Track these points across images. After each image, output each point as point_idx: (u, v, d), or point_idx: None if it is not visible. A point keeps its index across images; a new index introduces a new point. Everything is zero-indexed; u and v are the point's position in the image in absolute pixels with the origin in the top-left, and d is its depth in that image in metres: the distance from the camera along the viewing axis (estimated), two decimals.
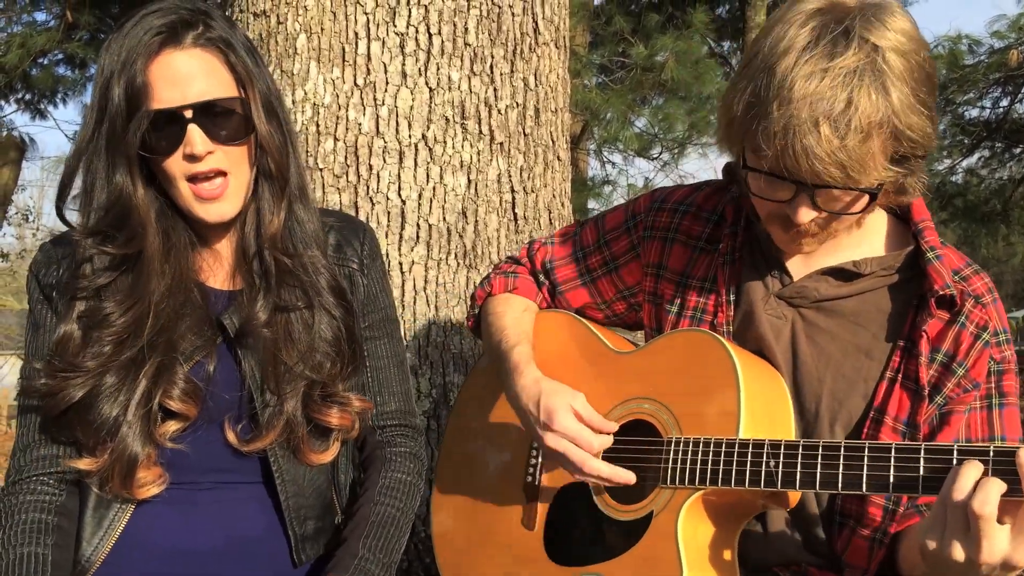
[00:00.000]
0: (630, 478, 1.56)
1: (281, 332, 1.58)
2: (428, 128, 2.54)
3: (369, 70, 2.53)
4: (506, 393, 1.74)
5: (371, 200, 2.52)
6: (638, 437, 1.62)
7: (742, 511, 1.57)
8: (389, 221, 2.52)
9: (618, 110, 9.35)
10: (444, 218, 2.55)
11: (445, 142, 2.55)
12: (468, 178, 2.58)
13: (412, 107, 2.53)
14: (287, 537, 1.62)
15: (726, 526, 1.56)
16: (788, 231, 1.54)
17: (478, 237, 2.59)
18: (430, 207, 2.54)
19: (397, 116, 2.53)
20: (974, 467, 1.25)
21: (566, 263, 1.89)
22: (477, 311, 1.95)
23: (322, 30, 2.54)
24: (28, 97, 11.78)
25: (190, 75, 1.53)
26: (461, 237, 2.57)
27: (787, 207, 1.49)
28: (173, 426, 1.55)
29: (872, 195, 1.46)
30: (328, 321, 1.61)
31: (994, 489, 1.21)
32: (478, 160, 2.59)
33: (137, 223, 1.55)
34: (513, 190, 2.65)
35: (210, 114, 1.53)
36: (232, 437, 1.56)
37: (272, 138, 1.59)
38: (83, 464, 1.54)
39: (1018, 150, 11.99)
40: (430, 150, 2.54)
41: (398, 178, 2.53)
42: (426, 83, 2.54)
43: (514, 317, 1.84)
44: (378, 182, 2.53)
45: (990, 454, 1.26)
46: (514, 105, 2.64)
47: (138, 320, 1.54)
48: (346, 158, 2.54)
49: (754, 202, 1.57)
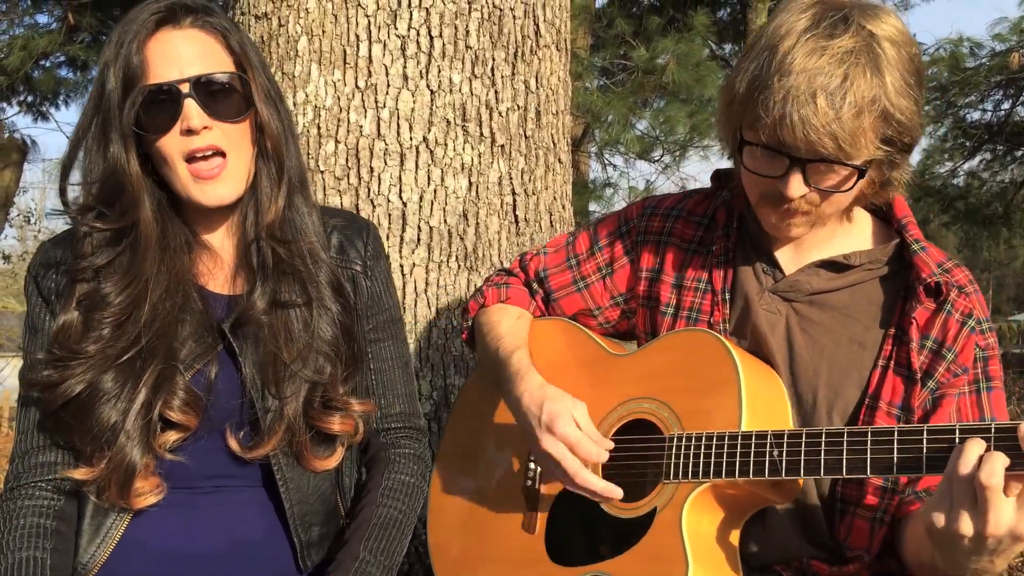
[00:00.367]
0: (618, 494, 1.58)
1: (280, 329, 1.55)
2: (429, 130, 2.54)
3: (370, 72, 2.53)
4: (505, 398, 1.75)
5: (372, 202, 2.52)
6: (639, 436, 1.63)
7: (746, 504, 1.58)
8: (390, 223, 2.52)
9: (619, 113, 9.34)
10: (445, 220, 2.55)
11: (446, 144, 2.55)
12: (469, 180, 2.57)
13: (413, 109, 2.53)
14: (290, 542, 1.60)
15: (730, 519, 1.57)
16: (778, 210, 1.58)
17: (479, 239, 2.59)
18: (431, 209, 2.54)
19: (398, 118, 2.53)
20: (977, 443, 1.29)
21: (560, 271, 1.91)
22: (471, 323, 1.96)
23: (323, 32, 2.54)
24: (30, 99, 11.80)
25: (187, 52, 1.51)
26: (462, 239, 2.57)
27: (779, 183, 1.54)
28: (173, 436, 1.53)
29: (860, 172, 1.50)
30: (327, 319, 1.58)
31: (999, 461, 1.25)
32: (479, 163, 2.59)
33: (130, 197, 1.52)
34: (514, 192, 2.65)
35: (208, 90, 1.50)
36: (234, 444, 1.54)
37: (271, 123, 1.57)
38: (79, 474, 1.52)
39: (1020, 153, 11.97)
40: (431, 152, 2.54)
41: (399, 180, 2.53)
42: (427, 85, 2.54)
43: (510, 325, 1.85)
44: (379, 184, 2.53)
45: (991, 431, 1.30)
46: (515, 108, 2.64)
47: (135, 301, 1.52)
48: (347, 160, 2.54)
49: (746, 184, 1.62)
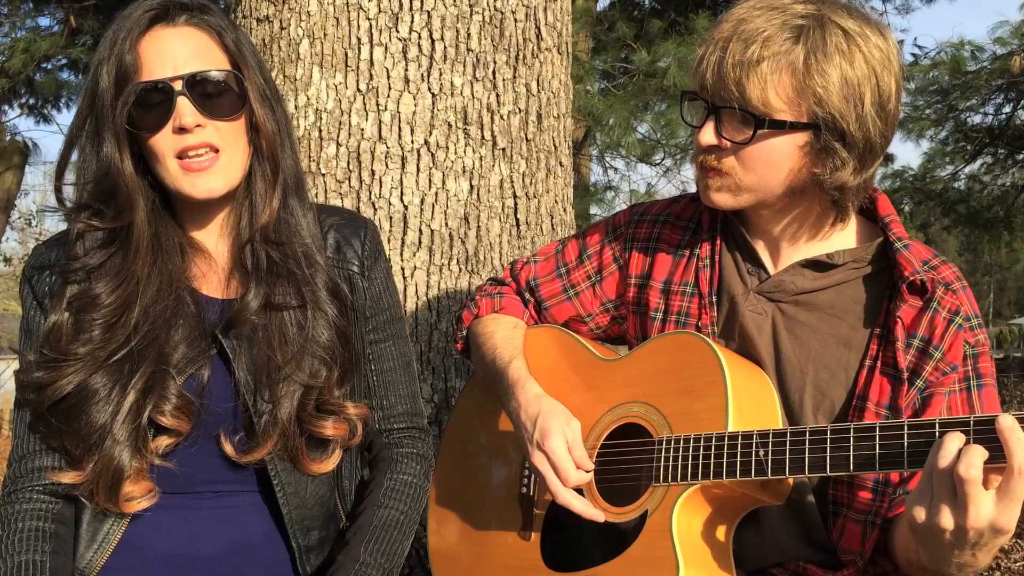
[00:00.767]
0: (599, 517, 1.60)
1: (274, 331, 1.53)
2: (430, 133, 2.54)
3: (372, 75, 2.53)
4: (504, 407, 1.76)
5: (373, 205, 2.52)
6: (630, 440, 1.63)
7: (736, 505, 1.58)
8: (391, 226, 2.52)
9: (620, 116, 9.34)
10: (446, 223, 2.55)
11: (447, 147, 2.56)
12: (470, 183, 2.58)
13: (414, 112, 2.53)
14: (288, 546, 1.60)
15: (721, 521, 1.57)
16: (700, 168, 1.62)
17: (480, 243, 2.59)
18: (432, 212, 2.54)
19: (399, 121, 2.54)
20: (956, 437, 1.28)
21: (550, 280, 1.92)
22: (465, 332, 1.96)
23: (325, 35, 2.54)
24: (32, 102, 11.83)
25: (181, 49, 1.49)
26: (463, 243, 2.57)
27: (699, 133, 1.57)
28: (165, 441, 1.52)
29: (758, 121, 1.50)
30: (323, 322, 1.56)
31: (977, 454, 1.25)
32: (480, 166, 2.59)
33: (124, 196, 1.51)
34: (515, 196, 2.65)
35: (201, 88, 1.48)
36: (229, 449, 1.53)
37: (266, 122, 1.55)
38: (68, 478, 1.51)
39: (1021, 156, 11.98)
40: (432, 155, 2.54)
41: (400, 183, 2.53)
42: (428, 89, 2.54)
43: (505, 335, 1.86)
44: (380, 187, 2.53)
45: (970, 424, 1.29)
46: (516, 111, 2.64)
47: (126, 303, 1.50)
48: (348, 163, 2.54)
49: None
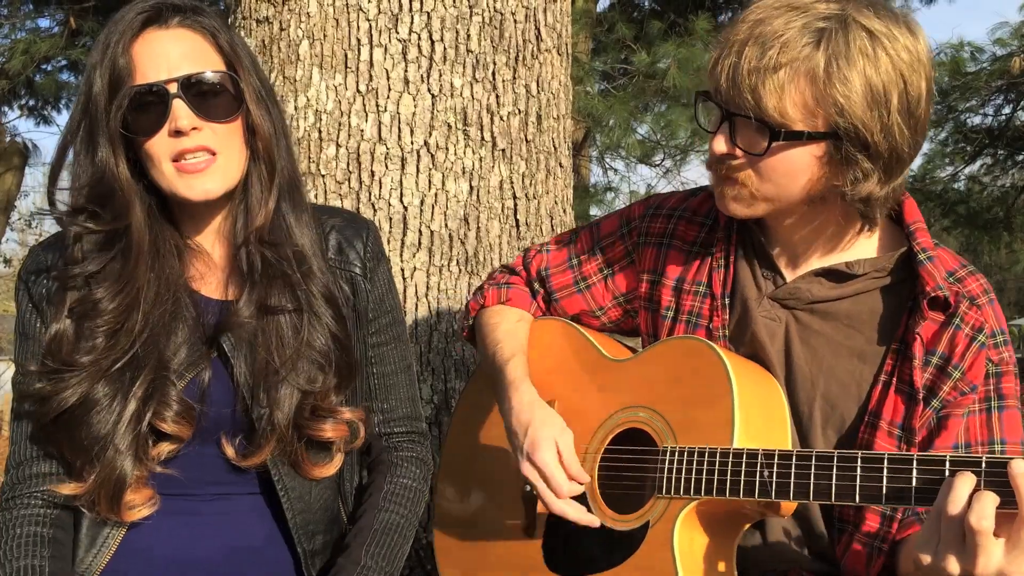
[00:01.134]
0: (594, 523, 1.57)
1: (271, 334, 1.52)
2: (430, 134, 2.54)
3: (371, 76, 2.53)
4: (499, 407, 1.74)
5: (373, 206, 2.52)
6: (634, 446, 1.61)
7: (739, 519, 1.56)
8: (391, 227, 2.52)
9: (620, 117, 9.34)
10: (446, 224, 2.55)
11: (447, 148, 2.56)
12: (470, 184, 2.58)
13: (414, 113, 2.53)
14: (292, 550, 1.59)
15: (723, 535, 1.55)
16: (715, 174, 1.55)
17: (480, 244, 2.59)
18: (432, 213, 2.54)
19: (399, 122, 2.53)
20: (967, 479, 1.22)
21: (561, 271, 1.88)
22: (471, 322, 1.94)
23: (324, 36, 2.54)
24: (31, 103, 11.83)
25: (175, 51, 1.47)
26: (463, 243, 2.57)
27: (712, 139, 1.50)
28: (167, 447, 1.51)
29: (773, 132, 1.42)
30: (318, 327, 1.55)
31: (990, 503, 1.19)
32: (480, 167, 2.59)
33: (121, 201, 1.49)
34: (515, 197, 2.65)
35: (197, 90, 1.46)
36: (230, 452, 1.53)
37: (263, 124, 1.53)
38: (68, 489, 1.50)
39: (1020, 157, 11.98)
40: (432, 156, 2.54)
41: (400, 184, 2.53)
42: (428, 90, 2.54)
43: (508, 329, 1.82)
44: (380, 188, 2.53)
45: (982, 465, 1.24)
46: (516, 112, 2.64)
47: (128, 309, 1.49)
48: (348, 164, 2.54)
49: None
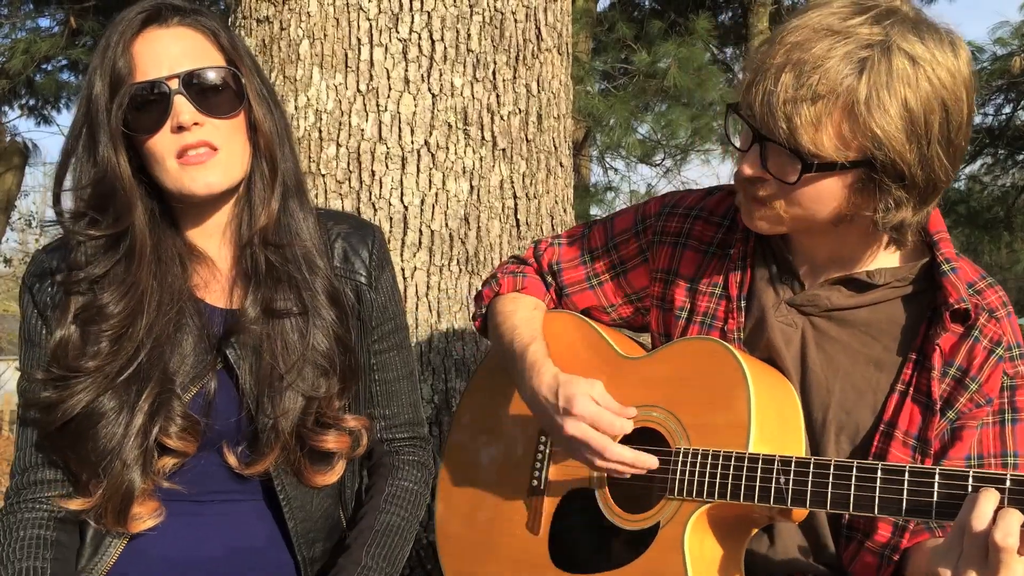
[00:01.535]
0: (653, 463, 1.52)
1: (276, 338, 1.52)
2: (430, 134, 2.54)
3: (372, 76, 2.53)
4: (520, 391, 1.70)
5: (373, 206, 2.52)
6: (647, 446, 1.60)
7: (750, 523, 1.55)
8: (391, 227, 2.52)
9: (621, 116, 9.34)
10: (446, 224, 2.55)
11: (447, 148, 2.55)
12: (470, 184, 2.57)
13: (415, 113, 2.53)
14: (292, 553, 1.59)
15: (733, 539, 1.54)
16: (744, 193, 1.51)
17: (480, 243, 2.59)
18: (432, 213, 2.54)
19: (400, 122, 2.53)
20: (992, 496, 1.21)
21: (573, 266, 1.86)
22: (484, 310, 1.91)
23: (325, 36, 2.54)
24: (32, 103, 11.83)
25: (175, 48, 1.46)
26: (463, 243, 2.57)
27: (742, 159, 1.46)
28: (171, 461, 1.51)
29: (806, 164, 1.38)
30: (321, 329, 1.54)
31: (1015, 520, 1.18)
32: (480, 166, 2.58)
33: (122, 200, 1.48)
34: (515, 196, 2.64)
35: (199, 86, 1.46)
36: (233, 460, 1.53)
37: (265, 121, 1.53)
38: (76, 505, 1.50)
39: (1021, 157, 11.98)
40: (432, 156, 2.54)
41: (400, 184, 2.53)
42: (429, 89, 2.54)
43: (525, 316, 1.79)
44: (380, 188, 2.52)
45: (1007, 483, 1.22)
46: (517, 111, 2.64)
47: (133, 313, 1.48)
48: (348, 164, 2.53)
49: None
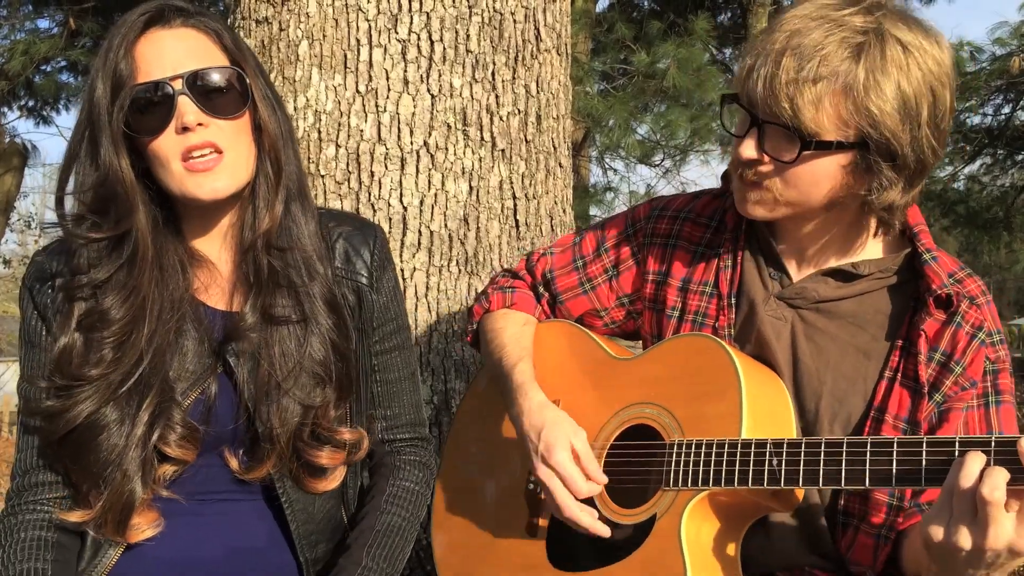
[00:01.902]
0: (605, 532, 1.57)
1: (274, 345, 1.51)
2: (430, 135, 2.54)
3: (371, 77, 2.53)
4: (508, 412, 1.74)
5: (372, 207, 2.52)
6: (641, 442, 1.62)
7: (746, 512, 1.57)
8: (391, 228, 2.52)
9: (620, 117, 9.35)
10: (446, 225, 2.55)
11: (447, 149, 2.56)
12: (470, 185, 2.58)
13: (414, 114, 2.53)
14: (294, 554, 1.59)
15: (730, 527, 1.56)
16: (740, 179, 1.57)
17: (480, 244, 2.59)
18: (432, 214, 2.54)
19: (399, 123, 2.53)
20: (978, 457, 1.27)
21: (566, 272, 1.89)
22: (475, 326, 1.94)
23: (324, 37, 2.54)
24: (31, 104, 11.85)
25: (179, 49, 1.45)
26: (463, 244, 2.57)
27: (739, 144, 1.52)
28: (171, 468, 1.51)
29: (805, 142, 1.45)
30: (319, 337, 1.53)
31: (1001, 476, 1.23)
32: (480, 167, 2.59)
33: (124, 202, 1.47)
34: (515, 197, 2.65)
35: (203, 87, 1.45)
36: (234, 464, 1.53)
37: (269, 122, 1.52)
38: (75, 517, 1.50)
39: (1020, 157, 11.98)
40: (432, 157, 2.54)
41: (400, 185, 2.53)
42: (428, 90, 2.54)
43: (513, 333, 1.83)
44: (380, 189, 2.53)
45: (991, 445, 1.28)
46: (516, 112, 2.64)
47: (135, 319, 1.48)
48: (348, 165, 2.54)
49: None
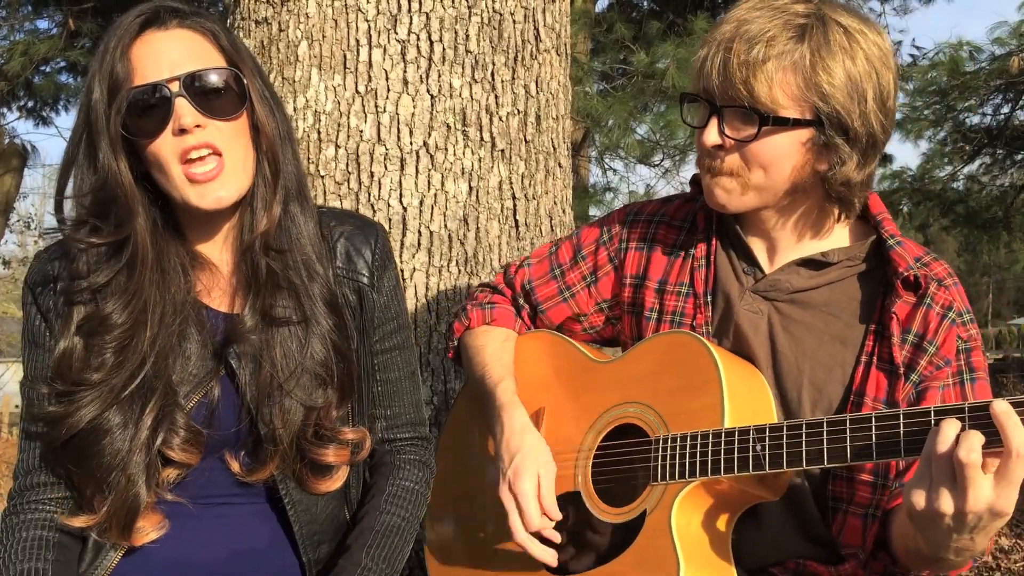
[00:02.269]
0: (552, 562, 1.64)
1: (276, 346, 1.51)
2: (429, 135, 2.54)
3: (370, 77, 2.53)
4: (489, 429, 1.77)
5: (372, 207, 2.52)
6: (626, 441, 1.63)
7: (735, 501, 1.58)
8: (390, 228, 2.52)
9: (619, 117, 9.35)
10: (445, 225, 2.55)
11: (446, 149, 2.56)
12: (469, 185, 2.58)
13: (413, 114, 2.53)
14: (296, 554, 1.60)
15: (720, 518, 1.58)
16: (707, 170, 1.62)
17: (479, 244, 2.59)
18: (431, 214, 2.54)
19: (398, 123, 2.54)
20: (953, 423, 1.29)
21: (544, 282, 1.91)
22: (456, 343, 1.95)
23: (323, 37, 2.54)
24: (31, 104, 11.84)
25: (175, 50, 1.45)
26: (462, 244, 2.57)
27: (701, 133, 1.58)
28: (174, 472, 1.51)
29: (763, 118, 1.51)
30: (319, 338, 1.53)
31: (976, 439, 1.26)
32: (479, 167, 2.59)
33: (123, 207, 1.46)
34: (514, 197, 2.65)
35: (200, 88, 1.44)
36: (236, 467, 1.53)
37: (267, 123, 1.51)
38: (79, 522, 1.50)
39: (1019, 157, 11.99)
40: (431, 157, 2.54)
41: (399, 185, 2.53)
42: (427, 90, 2.54)
43: (494, 350, 1.85)
44: (379, 189, 2.53)
45: (965, 411, 1.31)
46: (515, 112, 2.64)
47: (136, 323, 1.47)
48: (347, 165, 2.54)
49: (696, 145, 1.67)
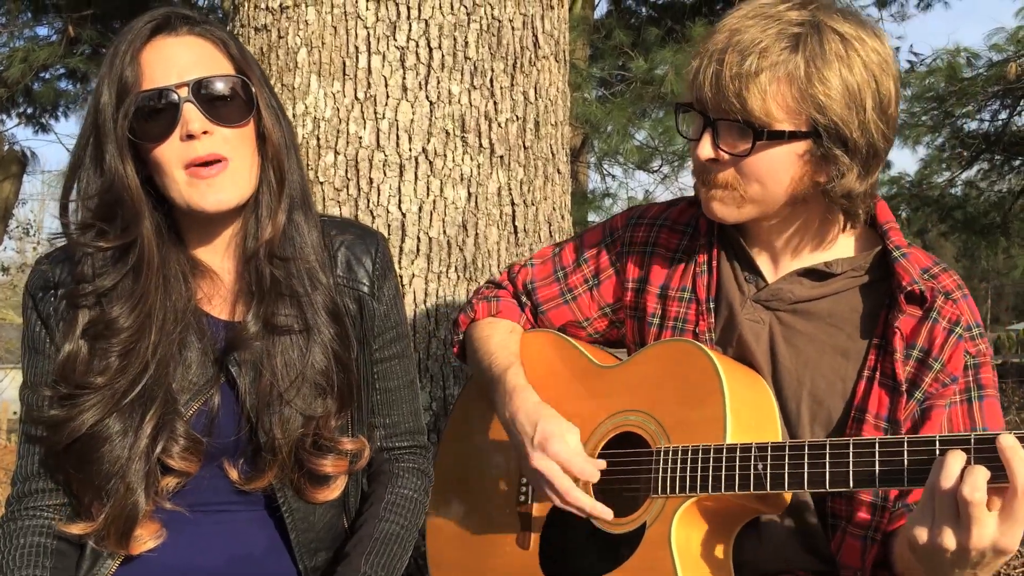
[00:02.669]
0: (608, 515, 1.57)
1: (277, 355, 1.51)
2: (428, 141, 2.55)
3: (370, 84, 2.53)
4: (499, 415, 1.74)
5: (371, 213, 2.53)
6: (627, 449, 1.62)
7: (735, 516, 1.58)
8: (389, 234, 2.52)
9: (618, 123, 9.36)
10: (444, 231, 2.55)
11: (445, 155, 2.56)
12: (468, 191, 2.58)
13: (412, 120, 2.54)
14: (293, 561, 1.60)
15: (720, 532, 1.57)
16: (703, 182, 1.60)
17: (478, 250, 2.59)
18: (430, 220, 2.54)
19: (397, 129, 2.54)
20: (958, 456, 1.26)
21: (547, 284, 1.90)
22: (461, 336, 1.95)
23: (323, 44, 2.55)
24: (30, 111, 11.83)
25: (185, 56, 1.46)
26: (461, 250, 2.57)
27: (695, 147, 1.55)
28: (173, 480, 1.51)
29: (757, 132, 1.48)
30: (321, 347, 1.53)
31: (981, 475, 1.23)
32: (478, 173, 2.59)
33: (130, 210, 1.46)
34: (513, 203, 2.65)
35: (208, 95, 1.45)
36: (234, 475, 1.53)
37: (274, 131, 1.52)
38: (77, 529, 1.50)
39: (1017, 162, 12.00)
40: (430, 163, 2.55)
41: (398, 191, 2.53)
42: (426, 97, 2.55)
43: (501, 340, 1.84)
44: (378, 195, 2.53)
45: (971, 443, 1.28)
46: (514, 118, 2.65)
47: (141, 327, 1.48)
48: (346, 172, 2.54)
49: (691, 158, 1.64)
